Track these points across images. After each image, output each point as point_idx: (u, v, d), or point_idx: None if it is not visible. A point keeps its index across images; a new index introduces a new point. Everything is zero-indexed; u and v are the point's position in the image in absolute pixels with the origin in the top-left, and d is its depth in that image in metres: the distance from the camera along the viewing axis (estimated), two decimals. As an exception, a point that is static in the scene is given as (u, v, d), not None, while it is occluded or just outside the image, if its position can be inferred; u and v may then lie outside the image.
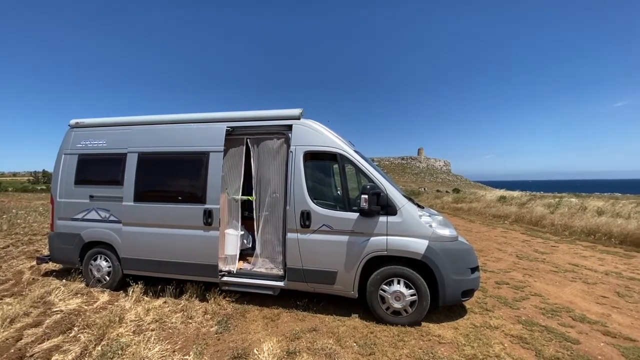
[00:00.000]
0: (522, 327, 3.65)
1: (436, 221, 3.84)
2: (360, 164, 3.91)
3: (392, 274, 3.72)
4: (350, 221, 3.81)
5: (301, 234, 3.94)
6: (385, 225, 3.72)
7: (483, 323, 3.76)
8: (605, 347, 3.26)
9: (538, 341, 3.34)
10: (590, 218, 10.16)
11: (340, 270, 3.84)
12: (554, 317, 3.92)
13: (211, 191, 4.22)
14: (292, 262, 3.98)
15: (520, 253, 7.40)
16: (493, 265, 6.32)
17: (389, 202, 3.73)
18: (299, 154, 4.05)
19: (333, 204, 4.05)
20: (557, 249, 7.89)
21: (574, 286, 5.10)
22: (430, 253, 3.59)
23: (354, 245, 3.78)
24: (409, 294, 3.66)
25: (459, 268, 3.65)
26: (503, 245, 8.32)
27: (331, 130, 4.24)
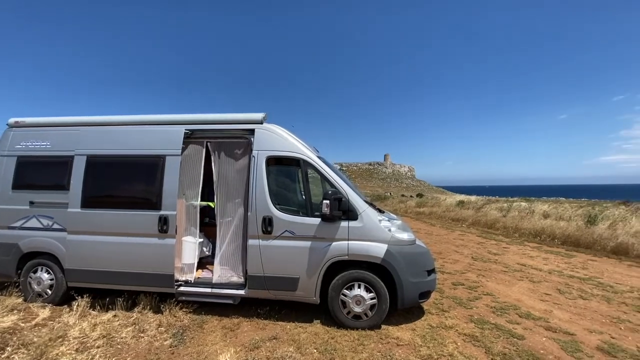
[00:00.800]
0: (475, 326, 3.85)
1: (395, 225, 3.95)
2: (322, 169, 3.93)
3: (353, 279, 3.76)
4: (312, 227, 3.81)
5: (263, 241, 3.88)
6: (347, 230, 3.77)
7: (439, 323, 3.91)
8: (547, 341, 3.52)
9: (488, 339, 3.53)
10: (537, 221, 11.01)
11: (303, 276, 3.82)
12: (502, 315, 4.18)
13: (167, 197, 4.03)
14: (253, 269, 3.89)
15: (475, 255, 7.82)
16: (450, 267, 6.62)
17: (350, 207, 3.78)
18: (261, 159, 3.99)
19: (296, 209, 4.03)
20: (508, 250, 8.45)
21: (521, 285, 5.48)
22: (389, 257, 3.68)
23: (316, 251, 3.78)
24: (369, 297, 3.72)
25: (417, 271, 3.78)
26: (460, 248, 8.75)
27: (295, 135, 4.23)
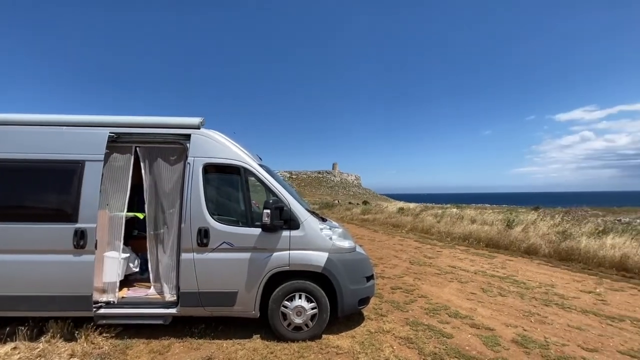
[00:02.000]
0: (410, 328, 4.04)
1: (336, 233, 4.00)
2: (264, 178, 3.84)
3: (294, 289, 3.70)
4: (252, 237, 3.68)
5: (198, 254, 3.63)
6: (288, 240, 3.71)
7: (377, 328, 4.02)
8: (472, 337, 3.83)
9: (421, 340, 3.72)
10: (466, 226, 12.12)
11: (241, 290, 3.65)
12: (434, 316, 4.45)
13: (86, 207, 3.58)
14: (186, 285, 3.62)
15: (412, 259, 8.30)
16: (390, 272, 6.92)
17: (292, 216, 3.73)
18: (197, 166, 3.77)
19: (235, 219, 3.86)
20: (441, 254, 9.12)
21: (452, 286, 5.93)
22: (330, 265, 3.70)
23: (256, 263, 3.65)
24: (310, 307, 3.69)
25: (356, 278, 3.86)
26: (399, 253, 9.22)
27: (235, 142, 4.08)
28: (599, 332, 4.01)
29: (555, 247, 8.33)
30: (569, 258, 7.88)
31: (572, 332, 3.98)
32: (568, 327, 4.12)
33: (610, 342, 3.73)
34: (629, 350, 3.53)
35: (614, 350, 3.54)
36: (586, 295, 5.42)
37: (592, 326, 4.18)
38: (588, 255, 7.53)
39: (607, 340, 3.77)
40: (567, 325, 4.20)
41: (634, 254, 6.92)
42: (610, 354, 3.47)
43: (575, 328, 4.10)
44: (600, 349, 3.58)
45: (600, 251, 7.39)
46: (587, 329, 4.07)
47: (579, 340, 3.77)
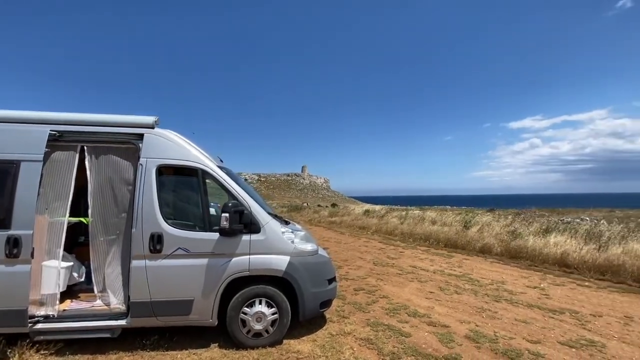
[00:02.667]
0: (370, 329, 4.09)
1: (298, 237, 3.96)
2: (223, 180, 3.72)
3: (254, 295, 3.61)
4: (210, 242, 3.54)
5: (150, 261, 3.43)
6: (249, 244, 3.62)
7: (339, 331, 4.04)
8: (429, 335, 3.96)
9: (381, 340, 3.79)
10: (427, 227, 12.62)
11: (198, 298, 3.50)
12: (394, 316, 4.56)
13: (20, 212, 3.25)
14: (137, 294, 3.40)
15: (376, 260, 8.48)
16: (354, 273, 7.00)
17: (252, 219, 3.65)
18: (150, 167, 3.56)
19: (191, 224, 3.70)
20: (404, 254, 9.41)
21: (412, 285, 6.12)
22: (291, 269, 3.65)
23: (213, 269, 3.52)
24: (271, 313, 3.62)
25: (318, 280, 3.85)
26: (364, 254, 9.38)
27: (193, 142, 3.91)
28: (542, 324, 4.33)
29: (506, 246, 8.92)
30: (518, 256, 8.47)
31: (519, 326, 4.25)
32: (515, 321, 4.41)
33: (551, 334, 4.03)
34: (567, 341, 3.84)
35: (554, 342, 3.82)
36: (532, 291, 5.84)
37: (536, 319, 4.50)
38: (534, 253, 8.14)
39: (549, 332, 4.08)
40: (514, 319, 4.49)
41: (573, 250, 7.58)
42: (551, 344, 3.75)
43: (521, 322, 4.39)
44: (543, 340, 3.85)
45: (545, 249, 8.03)
46: (532, 322, 4.38)
47: (524, 333, 4.04)
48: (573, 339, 3.88)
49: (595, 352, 3.57)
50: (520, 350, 3.58)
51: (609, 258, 6.91)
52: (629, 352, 3.59)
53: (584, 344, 3.74)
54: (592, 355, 3.51)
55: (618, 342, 3.83)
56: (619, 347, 3.69)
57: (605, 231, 8.23)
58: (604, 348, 3.67)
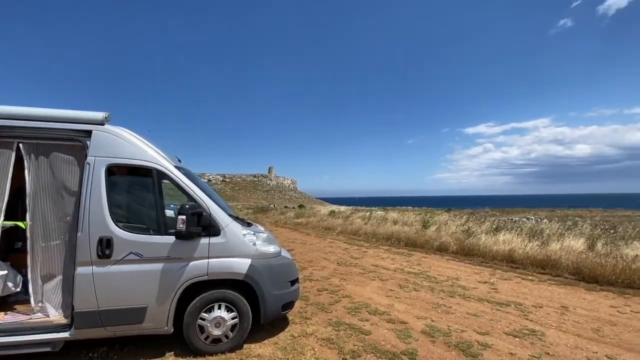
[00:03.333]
0: (332, 329, 4.14)
1: (261, 239, 3.91)
2: (180, 181, 3.56)
3: (212, 299, 3.50)
4: (165, 246, 3.38)
5: (98, 267, 3.20)
6: (207, 248, 3.50)
7: (301, 332, 4.04)
8: (388, 332, 4.09)
9: (342, 339, 3.85)
10: (389, 227, 13.04)
11: (152, 305, 3.32)
12: (356, 314, 4.65)
13: None
14: (82, 304, 3.15)
15: (340, 260, 8.59)
16: (318, 274, 7.05)
17: (212, 222, 3.53)
18: (99, 167, 3.33)
19: (145, 227, 3.50)
20: (367, 254, 9.64)
21: (373, 284, 6.28)
22: (252, 272, 3.59)
23: (169, 274, 3.36)
24: (230, 317, 3.53)
25: (280, 283, 3.82)
26: (328, 254, 9.47)
27: (148, 141, 3.71)
28: (491, 317, 4.64)
29: (461, 244, 9.47)
30: (472, 253, 9.02)
31: (470, 319, 4.53)
32: (467, 315, 4.69)
33: (498, 325, 4.34)
34: (512, 331, 4.15)
35: (501, 332, 4.12)
36: (482, 286, 6.25)
37: (485, 312, 4.82)
38: (486, 250, 8.73)
39: (496, 324, 4.38)
40: (466, 313, 4.77)
41: (518, 247, 8.23)
42: (498, 335, 4.04)
43: (472, 315, 4.68)
44: (491, 332, 4.14)
45: (495, 246, 8.64)
46: (482, 315, 4.68)
47: (474, 325, 4.31)
48: (517, 329, 4.20)
49: (536, 341, 3.89)
50: (471, 342, 3.81)
51: (549, 254, 7.60)
52: (564, 339, 3.96)
53: (526, 334, 4.07)
54: (532, 343, 3.83)
55: (555, 331, 4.21)
56: (556, 335, 4.06)
57: (545, 229, 9.04)
58: (543, 336, 4.01)
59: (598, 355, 3.55)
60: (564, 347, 3.74)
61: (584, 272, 6.70)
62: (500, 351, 3.61)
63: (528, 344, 3.81)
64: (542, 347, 3.71)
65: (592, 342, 3.88)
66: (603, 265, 6.56)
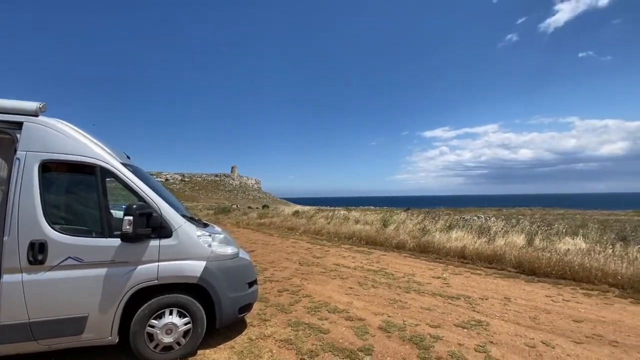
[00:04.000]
0: (291, 330, 4.11)
1: (217, 240, 3.77)
2: (127, 179, 3.32)
3: (163, 305, 3.31)
4: (109, 249, 3.13)
5: (29, 274, 2.88)
6: (157, 250, 3.30)
7: (259, 334, 3.96)
8: (346, 330, 4.14)
9: (300, 339, 3.83)
10: (351, 226, 13.29)
11: (93, 314, 3.06)
12: (315, 314, 4.66)
13: None
14: (9, 316, 2.82)
15: (302, 260, 8.58)
16: (279, 275, 6.97)
17: (163, 223, 3.34)
18: (31, 163, 3.00)
19: (86, 229, 3.22)
20: (329, 253, 9.73)
21: (334, 283, 6.35)
22: (207, 275, 3.45)
23: (114, 279, 3.12)
24: (183, 323, 3.35)
25: (237, 285, 3.71)
26: (291, 255, 9.42)
27: (91, 135, 3.41)
28: (442, 310, 4.90)
29: (418, 241, 9.91)
30: (427, 250, 9.48)
31: (424, 313, 4.75)
32: (421, 309, 4.90)
33: (449, 318, 4.59)
34: (461, 323, 4.40)
35: (451, 324, 4.36)
36: (436, 280, 6.59)
37: (438, 306, 5.07)
38: (439, 247, 9.22)
39: (447, 317, 4.63)
40: (420, 307, 4.99)
41: (469, 244, 8.80)
42: (448, 327, 4.27)
43: (426, 309, 4.91)
44: (442, 324, 4.36)
45: (448, 243, 9.15)
46: (434, 309, 4.92)
47: (427, 319, 4.52)
48: (465, 321, 4.47)
49: (482, 331, 4.17)
50: (424, 335, 3.99)
51: (495, 249, 8.21)
52: (506, 327, 4.29)
53: (473, 324, 4.34)
54: (479, 333, 4.10)
55: (499, 320, 4.54)
56: (499, 325, 4.38)
57: (492, 227, 9.76)
58: (488, 326, 4.31)
59: (534, 341, 3.88)
60: (505, 335, 4.05)
61: (525, 265, 7.32)
62: (450, 342, 3.82)
63: (475, 334, 4.07)
64: (487, 337, 3.98)
65: (529, 329, 4.24)
66: (540, 258, 7.22)
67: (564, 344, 3.79)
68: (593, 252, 7.10)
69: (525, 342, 3.84)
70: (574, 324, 4.41)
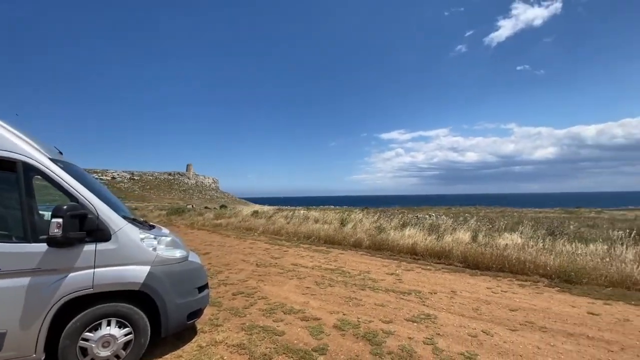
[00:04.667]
0: (244, 334, 3.98)
1: (163, 243, 3.53)
2: (56, 176, 2.98)
3: (100, 315, 3.02)
4: (34, 256, 2.78)
5: None
6: (93, 255, 3.00)
7: (210, 341, 3.78)
8: (302, 330, 4.11)
9: (254, 343, 3.73)
10: (311, 225, 13.32)
11: (14, 329, 2.70)
12: (271, 316, 4.58)
13: None
14: None
15: (259, 261, 8.40)
16: (234, 277, 6.75)
17: (100, 225, 3.04)
18: None
19: (5, 233, 2.83)
20: (287, 253, 9.64)
21: (291, 283, 6.30)
22: (151, 280, 3.21)
23: (39, 289, 2.78)
24: (123, 334, 3.09)
25: (186, 290, 3.51)
26: (248, 256, 9.18)
27: (12, 127, 3.00)
28: (395, 305, 5.08)
29: (373, 239, 10.20)
30: (382, 248, 9.80)
31: (377, 310, 4.88)
32: (375, 306, 5.04)
33: (400, 313, 4.76)
34: (411, 317, 4.59)
35: (402, 319, 4.53)
36: (389, 277, 6.83)
37: (390, 302, 5.25)
38: (394, 244, 9.58)
39: (399, 312, 4.81)
40: (374, 304, 5.12)
41: (420, 241, 9.25)
42: (400, 322, 4.43)
43: (379, 305, 5.05)
44: (394, 319, 4.51)
45: (401, 240, 9.54)
46: (387, 305, 5.09)
47: (380, 315, 4.65)
48: (415, 315, 4.67)
49: (430, 324, 4.39)
50: (377, 331, 4.09)
51: (444, 245, 8.72)
52: (452, 319, 4.55)
53: (423, 318, 4.55)
54: (427, 326, 4.30)
55: (445, 313, 4.81)
56: (445, 317, 4.64)
57: (442, 225, 10.37)
58: (436, 319, 4.54)
59: (476, 331, 4.17)
60: (451, 326, 4.29)
61: (469, 260, 7.87)
62: (400, 337, 3.96)
63: (424, 327, 4.27)
64: (435, 329, 4.20)
65: (472, 320, 4.54)
66: (483, 253, 7.80)
67: (501, 332, 4.12)
68: (527, 247, 7.83)
69: (468, 333, 4.10)
70: (510, 313, 4.81)
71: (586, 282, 6.18)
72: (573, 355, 3.54)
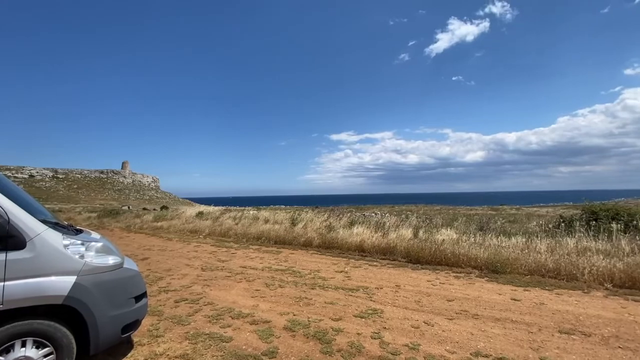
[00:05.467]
0: (188, 343, 3.74)
1: (93, 249, 3.16)
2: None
3: (11, 336, 2.60)
4: None
5: None
6: (3, 266, 2.57)
7: (149, 354, 3.48)
8: (250, 335, 3.99)
9: (199, 352, 3.52)
10: (260, 225, 13.05)
11: None
12: (217, 322, 4.37)
13: None
14: None
15: (205, 265, 7.99)
16: (177, 283, 6.32)
17: (11, 231, 2.62)
18: None
19: None
20: (236, 255, 9.32)
21: (239, 286, 6.09)
22: (77, 292, 2.85)
23: None
24: (42, 355, 2.70)
25: (120, 300, 3.18)
26: (192, 260, 8.68)
27: None
28: (344, 303, 5.19)
29: (323, 238, 10.35)
30: (332, 246, 9.98)
31: (327, 308, 4.94)
32: (325, 304, 5.10)
33: (349, 310, 4.89)
34: (359, 313, 4.74)
35: (351, 316, 4.64)
36: (339, 275, 6.98)
37: (340, 299, 5.36)
38: (343, 242, 9.82)
39: (348, 309, 4.93)
40: (324, 302, 5.19)
41: (367, 238, 9.61)
42: (348, 319, 4.53)
43: (329, 304, 5.13)
44: (343, 317, 4.61)
45: (349, 238, 9.82)
46: (337, 302, 5.18)
47: (330, 313, 4.72)
48: (363, 311, 4.83)
49: (377, 318, 4.57)
50: (327, 329, 4.14)
51: (389, 242, 9.17)
52: (397, 313, 4.79)
53: (370, 313, 4.73)
54: (374, 321, 4.47)
55: (391, 307, 5.05)
56: (391, 311, 4.87)
57: (387, 222, 10.90)
58: (382, 313, 4.75)
59: (418, 322, 4.44)
60: (396, 319, 4.52)
61: (412, 255, 8.38)
62: (349, 333, 4.06)
63: (371, 322, 4.43)
64: (381, 323, 4.38)
65: (415, 312, 4.83)
66: (423, 248, 8.37)
67: (440, 322, 4.44)
68: (460, 241, 8.59)
69: (411, 324, 4.36)
70: (447, 303, 5.23)
71: (509, 272, 6.97)
72: (500, 338, 3.95)
